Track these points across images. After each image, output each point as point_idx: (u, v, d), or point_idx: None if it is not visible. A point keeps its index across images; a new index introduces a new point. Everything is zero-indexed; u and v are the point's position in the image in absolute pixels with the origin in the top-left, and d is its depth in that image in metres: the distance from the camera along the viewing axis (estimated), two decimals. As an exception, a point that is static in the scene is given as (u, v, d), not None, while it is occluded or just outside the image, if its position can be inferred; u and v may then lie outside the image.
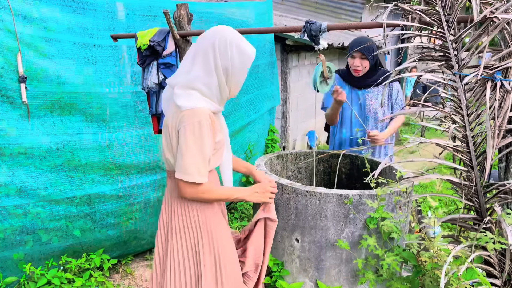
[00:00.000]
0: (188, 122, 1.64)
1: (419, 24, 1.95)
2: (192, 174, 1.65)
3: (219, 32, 1.72)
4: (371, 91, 2.80)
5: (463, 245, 1.70)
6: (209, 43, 1.70)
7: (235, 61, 1.70)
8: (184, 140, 1.65)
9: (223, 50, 1.68)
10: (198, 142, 1.64)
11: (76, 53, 2.78)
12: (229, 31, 1.74)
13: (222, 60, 1.69)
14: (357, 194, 1.98)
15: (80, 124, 2.79)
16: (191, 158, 1.64)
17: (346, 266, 2.06)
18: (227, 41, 1.70)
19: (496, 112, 1.77)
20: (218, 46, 1.68)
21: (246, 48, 1.73)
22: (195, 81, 1.69)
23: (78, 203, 2.79)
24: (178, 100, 1.68)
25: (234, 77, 1.73)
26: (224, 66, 1.69)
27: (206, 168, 1.69)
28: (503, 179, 1.89)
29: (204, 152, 1.66)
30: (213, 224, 1.80)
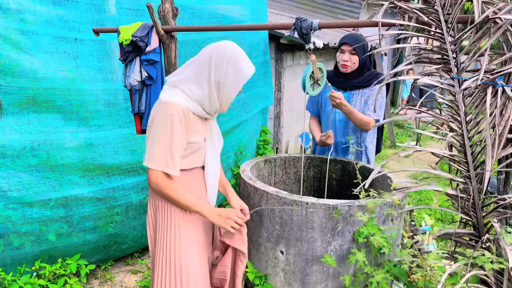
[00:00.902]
0: (161, 114, 1.70)
1: (416, 24, 1.81)
2: (159, 163, 1.69)
3: (221, 46, 1.75)
4: (357, 93, 2.66)
5: (458, 264, 1.57)
6: (208, 55, 1.74)
7: (229, 77, 1.72)
8: (155, 130, 1.71)
9: (219, 64, 1.71)
10: (168, 134, 1.68)
11: (55, 47, 2.64)
12: (231, 48, 1.75)
13: (216, 74, 1.71)
14: (346, 205, 1.84)
15: (57, 122, 2.64)
16: (160, 147, 1.69)
17: (333, 281, 1.93)
18: (225, 56, 1.71)
19: (497, 120, 1.64)
20: (215, 59, 1.71)
21: (243, 67, 1.74)
22: (182, 82, 1.75)
23: (53, 205, 2.65)
24: (162, 94, 1.77)
25: (226, 92, 1.75)
26: (217, 80, 1.72)
27: (175, 161, 1.71)
28: (502, 192, 1.77)
29: (173, 144, 1.69)
30: (181, 226, 1.82)
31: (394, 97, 11.26)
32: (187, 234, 1.83)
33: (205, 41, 3.53)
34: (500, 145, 1.64)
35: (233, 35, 3.89)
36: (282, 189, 2.74)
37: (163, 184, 1.72)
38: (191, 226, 1.85)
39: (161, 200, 1.84)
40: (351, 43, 2.53)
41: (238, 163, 4.32)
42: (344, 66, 2.59)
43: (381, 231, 1.80)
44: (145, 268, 3.19)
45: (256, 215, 2.04)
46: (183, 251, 1.81)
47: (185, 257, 1.81)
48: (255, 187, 2.02)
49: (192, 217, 1.86)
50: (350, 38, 2.56)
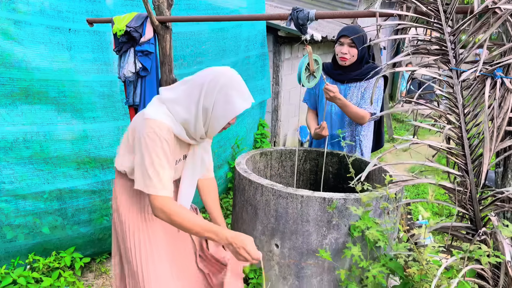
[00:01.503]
0: (147, 132, 1.60)
1: (415, 14, 1.78)
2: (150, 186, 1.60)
3: (218, 71, 1.65)
4: (354, 85, 2.62)
5: (454, 258, 1.55)
6: (203, 78, 1.64)
7: (218, 107, 1.61)
8: (143, 150, 1.60)
9: (210, 90, 1.60)
10: (158, 155, 1.59)
11: (48, 38, 2.59)
12: (227, 76, 1.63)
13: (206, 99, 1.61)
14: (342, 198, 1.82)
15: (51, 114, 2.60)
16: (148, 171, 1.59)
17: (329, 274, 1.91)
18: (219, 83, 1.60)
19: (495, 113, 1.62)
20: (207, 85, 1.61)
21: (235, 100, 1.61)
22: (170, 102, 1.66)
23: (47, 198, 2.62)
24: (148, 108, 1.67)
25: (212, 121, 1.64)
26: (205, 106, 1.62)
27: (166, 181, 1.62)
28: (500, 185, 1.74)
29: (165, 165, 1.61)
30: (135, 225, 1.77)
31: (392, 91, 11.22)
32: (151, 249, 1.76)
33: (201, 33, 3.49)
34: (498, 138, 1.61)
35: (230, 27, 3.85)
36: (278, 182, 2.72)
37: (170, 209, 1.60)
38: (152, 239, 1.78)
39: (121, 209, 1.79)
40: (350, 35, 2.49)
41: (234, 156, 4.29)
42: (343, 58, 2.55)
43: (377, 225, 1.78)
44: (141, 262, 3.17)
45: (251, 208, 2.02)
46: (150, 269, 1.74)
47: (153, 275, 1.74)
48: (250, 180, 2.00)
49: (151, 228, 1.79)
50: (349, 31, 2.52)
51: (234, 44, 3.96)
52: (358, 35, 2.49)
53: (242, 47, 4.17)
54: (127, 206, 1.80)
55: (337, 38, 2.58)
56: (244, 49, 4.25)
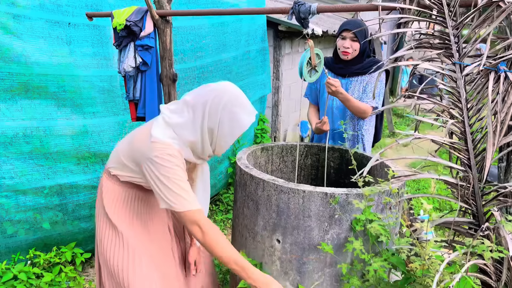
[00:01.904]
0: (156, 154, 1.56)
1: (418, 8, 1.76)
2: (181, 204, 1.56)
3: (220, 89, 1.62)
4: (355, 79, 2.61)
5: (457, 253, 1.54)
6: (203, 100, 1.60)
7: (224, 126, 1.59)
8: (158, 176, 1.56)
9: (213, 112, 1.59)
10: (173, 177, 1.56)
11: (48, 32, 2.58)
12: (229, 93, 1.62)
13: (209, 122, 1.60)
14: (344, 193, 1.81)
15: (51, 109, 2.59)
16: (174, 191, 1.56)
17: (330, 269, 1.90)
18: (221, 104, 1.58)
19: (499, 107, 1.60)
20: (210, 106, 1.59)
21: (240, 116, 1.59)
22: (177, 127, 1.63)
23: (47, 193, 2.61)
24: (153, 129, 1.62)
25: (220, 140, 1.64)
26: (210, 128, 1.61)
27: (191, 195, 1.59)
28: (503, 180, 1.74)
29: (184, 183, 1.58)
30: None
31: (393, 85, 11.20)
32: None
33: (201, 27, 3.47)
34: (501, 132, 1.60)
35: (231, 21, 3.83)
36: (279, 178, 2.71)
37: (203, 225, 1.57)
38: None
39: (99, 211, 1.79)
40: (352, 29, 2.47)
41: (235, 151, 4.28)
42: (345, 53, 2.53)
43: (379, 219, 1.77)
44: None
45: (253, 203, 2.01)
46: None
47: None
48: (251, 175, 1.99)
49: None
50: (351, 24, 2.50)
51: (234, 39, 3.94)
52: (360, 29, 2.47)
53: (243, 41, 4.15)
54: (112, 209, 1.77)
55: (339, 32, 2.56)
56: (245, 44, 4.23)
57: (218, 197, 4.19)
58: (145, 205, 1.84)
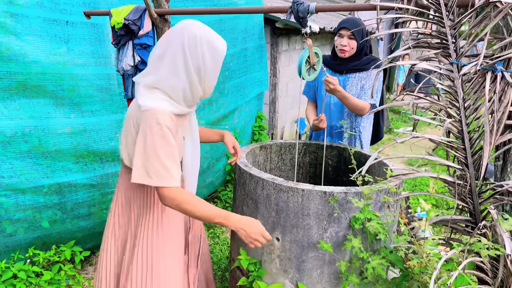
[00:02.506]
0: (146, 123, 1.55)
1: (415, 7, 1.77)
2: (158, 177, 1.55)
3: (187, 29, 1.60)
4: (353, 76, 2.63)
5: (454, 251, 1.56)
6: (178, 43, 1.58)
7: (206, 59, 1.61)
8: (143, 143, 1.56)
9: (193, 49, 1.58)
10: (157, 144, 1.55)
11: (46, 31, 2.57)
12: (197, 27, 1.62)
13: (193, 60, 1.59)
14: (343, 192, 1.83)
15: (49, 108, 2.59)
16: (153, 161, 1.55)
17: (329, 267, 1.92)
18: (197, 39, 1.59)
19: (495, 106, 1.62)
20: (187, 45, 1.58)
21: (216, 43, 1.62)
22: (161, 82, 1.60)
23: (46, 192, 2.61)
24: (140, 99, 1.59)
25: (207, 76, 1.64)
26: (195, 66, 1.60)
27: (173, 170, 1.58)
28: (500, 179, 1.76)
29: (167, 154, 1.56)
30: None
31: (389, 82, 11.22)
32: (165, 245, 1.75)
33: (199, 25, 3.47)
34: (498, 132, 1.62)
35: (228, 19, 3.83)
36: (278, 176, 2.72)
37: (179, 197, 1.58)
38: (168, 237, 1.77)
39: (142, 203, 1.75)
40: (350, 28, 2.48)
41: (233, 149, 4.29)
42: (342, 51, 2.55)
43: (378, 217, 1.79)
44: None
45: (252, 202, 2.03)
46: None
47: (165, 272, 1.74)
48: (251, 174, 2.00)
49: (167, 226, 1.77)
50: (349, 23, 2.51)
51: (231, 36, 3.94)
52: (358, 28, 2.48)
53: (240, 39, 4.15)
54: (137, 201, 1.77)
55: (337, 30, 2.58)
56: (242, 41, 4.23)
57: (216, 194, 4.20)
58: None
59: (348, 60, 2.60)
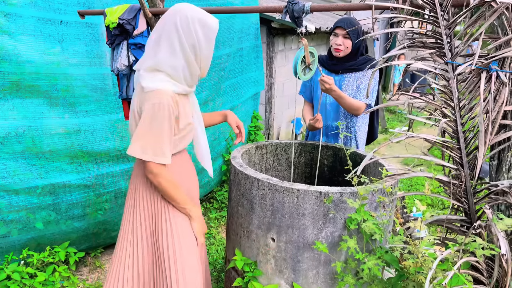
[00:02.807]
0: (148, 103, 1.64)
1: (410, 7, 1.77)
2: (151, 153, 1.65)
3: (179, 10, 1.68)
4: (348, 76, 2.62)
5: (449, 251, 1.56)
6: (171, 24, 1.66)
7: (200, 36, 1.68)
8: (144, 120, 1.65)
9: (185, 28, 1.65)
10: (158, 123, 1.63)
11: (39, 30, 2.56)
12: (189, 8, 1.70)
13: (187, 38, 1.66)
14: (338, 192, 1.82)
15: (43, 108, 2.57)
16: (151, 137, 1.65)
17: (325, 268, 1.92)
18: (188, 18, 1.66)
19: (490, 106, 1.62)
20: (180, 25, 1.65)
21: (207, 20, 1.68)
22: (161, 63, 1.68)
23: (40, 193, 2.59)
24: (143, 82, 1.68)
25: (202, 53, 1.71)
26: (190, 44, 1.67)
27: (165, 150, 1.67)
28: (495, 178, 1.76)
29: (164, 133, 1.65)
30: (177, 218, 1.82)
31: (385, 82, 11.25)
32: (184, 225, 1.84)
33: (195, 25, 3.46)
34: (493, 131, 1.62)
35: (224, 18, 3.81)
36: (273, 176, 2.72)
37: (163, 174, 1.69)
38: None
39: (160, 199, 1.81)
40: (345, 27, 2.48)
41: (229, 149, 4.29)
42: (337, 50, 2.55)
43: (373, 217, 1.79)
44: (136, 255, 3.16)
45: (247, 202, 2.02)
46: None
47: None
48: (246, 174, 1.99)
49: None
50: (344, 22, 2.51)
51: (227, 36, 3.93)
52: (353, 28, 2.48)
53: (236, 38, 4.14)
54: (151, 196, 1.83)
55: (332, 29, 2.57)
56: (238, 41, 4.22)
57: (212, 194, 4.19)
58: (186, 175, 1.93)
59: (344, 60, 2.60)
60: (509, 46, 1.61)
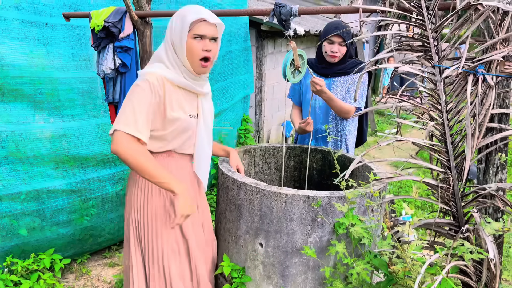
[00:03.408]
0: (136, 80, 1.71)
1: (397, 10, 1.77)
2: (120, 124, 1.59)
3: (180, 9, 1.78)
4: (338, 80, 2.62)
5: (437, 255, 1.55)
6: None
7: (174, 29, 1.73)
8: (126, 97, 1.68)
9: (169, 24, 1.77)
10: (134, 96, 1.65)
11: (24, 33, 2.51)
12: (187, 7, 1.77)
13: (168, 34, 1.76)
14: (326, 196, 1.81)
15: (27, 112, 2.52)
16: (125, 109, 1.63)
17: (313, 273, 1.90)
18: (176, 15, 1.76)
19: (477, 109, 1.62)
20: (170, 22, 1.78)
21: (186, 14, 1.71)
22: (158, 55, 1.80)
23: (24, 199, 2.54)
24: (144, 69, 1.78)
25: (175, 43, 1.73)
26: (170, 39, 1.75)
27: (139, 123, 1.61)
28: (482, 182, 1.76)
29: (139, 106, 1.62)
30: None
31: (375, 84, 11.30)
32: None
33: (183, 28, 3.43)
34: (480, 134, 1.62)
35: (212, 21, 3.79)
36: (262, 180, 2.69)
37: (124, 146, 1.56)
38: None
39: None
40: (342, 35, 2.46)
41: (218, 153, 4.25)
42: (333, 56, 2.53)
43: (361, 222, 1.77)
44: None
45: (235, 207, 1.99)
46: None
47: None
48: (234, 179, 1.97)
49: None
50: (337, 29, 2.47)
51: (216, 39, 3.90)
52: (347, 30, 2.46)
53: (225, 41, 4.12)
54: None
55: (326, 36, 2.53)
56: (227, 44, 4.20)
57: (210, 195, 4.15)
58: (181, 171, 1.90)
59: (333, 64, 2.59)
60: (496, 49, 1.61)
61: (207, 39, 1.74)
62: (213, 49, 1.76)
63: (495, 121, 1.68)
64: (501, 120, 1.67)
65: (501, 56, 1.57)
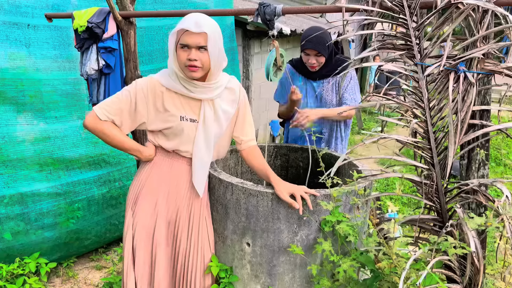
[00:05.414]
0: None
1: (380, 9, 1.78)
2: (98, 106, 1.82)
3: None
4: (327, 81, 2.61)
5: (422, 251, 1.57)
6: None
7: (170, 37, 1.79)
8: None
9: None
10: (123, 92, 1.84)
11: (5, 34, 2.48)
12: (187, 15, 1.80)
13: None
14: (312, 195, 1.81)
15: (9, 115, 2.49)
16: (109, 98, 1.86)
17: (301, 271, 1.91)
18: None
19: (459, 106, 1.64)
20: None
21: (179, 22, 1.75)
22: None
23: (8, 203, 2.50)
24: None
25: (171, 54, 1.80)
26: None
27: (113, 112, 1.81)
28: (465, 177, 1.78)
29: (121, 99, 1.82)
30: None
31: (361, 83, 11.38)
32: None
33: (169, 27, 3.41)
34: (462, 131, 1.64)
35: (197, 21, 3.77)
36: (249, 180, 2.69)
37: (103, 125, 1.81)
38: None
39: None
40: (314, 48, 2.41)
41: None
42: (313, 67, 2.51)
43: (347, 219, 1.78)
44: (110, 264, 3.09)
45: (222, 207, 1.99)
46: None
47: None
48: (220, 179, 1.97)
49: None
50: (313, 42, 2.41)
51: (202, 39, 3.89)
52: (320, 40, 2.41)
53: (211, 41, 4.10)
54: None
55: (302, 49, 2.52)
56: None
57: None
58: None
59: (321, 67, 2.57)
60: (476, 46, 1.63)
61: (193, 48, 1.72)
62: (200, 58, 1.73)
63: (476, 117, 1.70)
64: (482, 117, 1.70)
65: (481, 53, 1.59)
